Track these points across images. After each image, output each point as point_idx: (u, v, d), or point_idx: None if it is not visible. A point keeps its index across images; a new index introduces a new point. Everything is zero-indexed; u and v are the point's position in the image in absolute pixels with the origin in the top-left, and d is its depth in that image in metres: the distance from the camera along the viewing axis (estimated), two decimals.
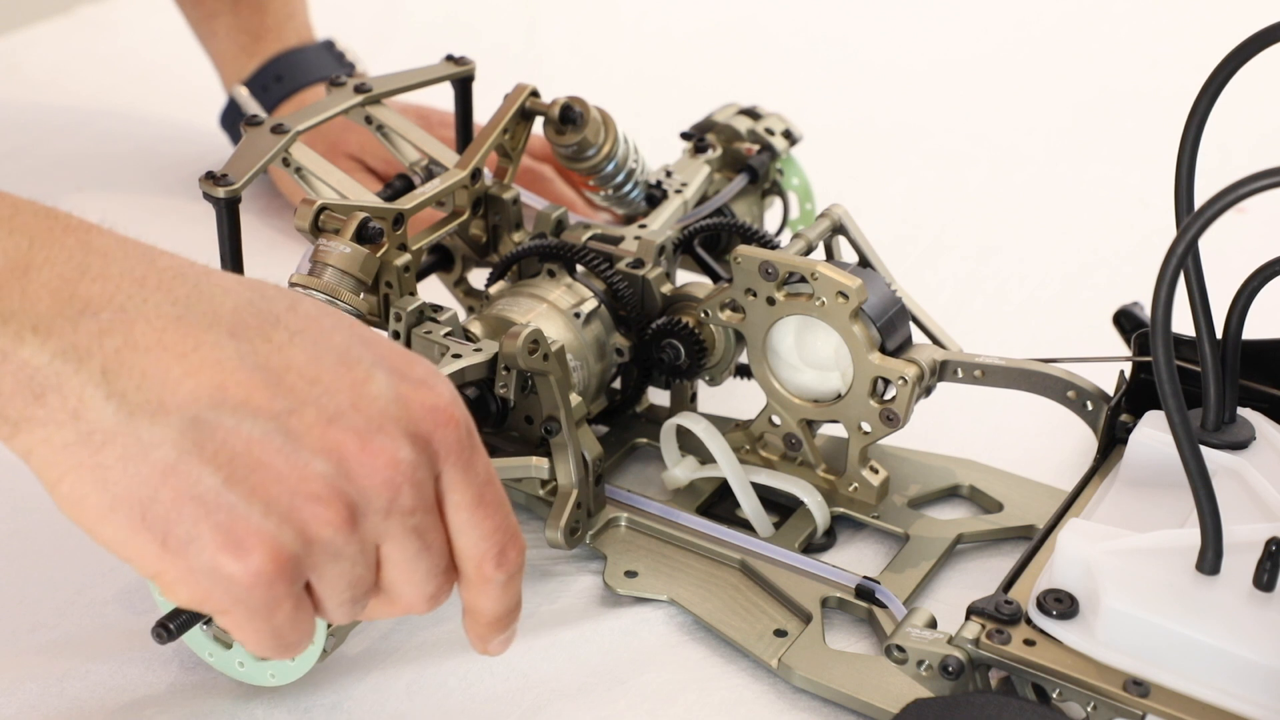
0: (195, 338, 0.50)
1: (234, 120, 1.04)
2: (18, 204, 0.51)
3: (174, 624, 0.60)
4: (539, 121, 0.82)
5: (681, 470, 0.77)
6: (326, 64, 1.03)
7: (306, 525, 0.50)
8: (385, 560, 0.52)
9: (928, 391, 0.74)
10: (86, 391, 0.49)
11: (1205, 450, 0.60)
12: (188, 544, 0.49)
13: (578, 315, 0.76)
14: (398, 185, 0.81)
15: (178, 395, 0.49)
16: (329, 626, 0.63)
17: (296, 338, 0.51)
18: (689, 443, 0.77)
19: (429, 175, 0.80)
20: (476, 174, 0.79)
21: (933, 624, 0.64)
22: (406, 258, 0.73)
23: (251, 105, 1.02)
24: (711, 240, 0.83)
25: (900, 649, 0.62)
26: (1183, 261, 0.55)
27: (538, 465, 0.69)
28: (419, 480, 0.51)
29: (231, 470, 0.49)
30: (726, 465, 0.75)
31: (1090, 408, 0.73)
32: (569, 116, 0.81)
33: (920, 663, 0.62)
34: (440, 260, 0.83)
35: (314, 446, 0.50)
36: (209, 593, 0.50)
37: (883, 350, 0.72)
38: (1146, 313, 0.85)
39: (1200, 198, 0.58)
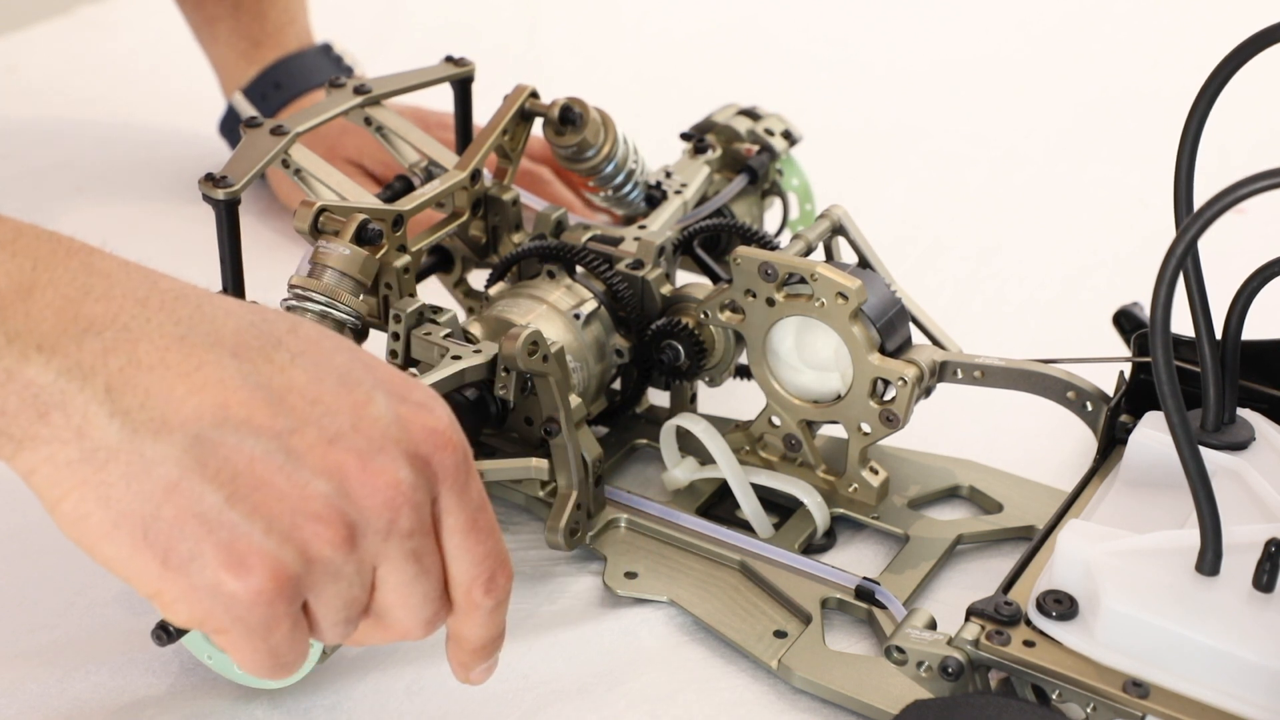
0: (198, 357, 0.50)
1: (233, 127, 1.04)
2: (20, 227, 0.51)
3: (174, 626, 0.60)
4: (538, 122, 0.82)
5: (681, 471, 0.77)
6: (325, 69, 1.02)
7: (308, 544, 0.50)
8: (381, 584, 0.52)
9: (927, 392, 0.74)
10: (90, 409, 0.49)
11: (1205, 451, 0.60)
12: (189, 562, 0.49)
13: (577, 316, 0.76)
14: (397, 186, 0.81)
15: (181, 413, 0.49)
16: None
17: (298, 359, 0.52)
18: (689, 444, 0.77)
19: (428, 176, 0.80)
20: (476, 175, 0.79)
21: (932, 625, 0.64)
22: (406, 259, 0.73)
23: (250, 113, 1.02)
24: (711, 241, 0.83)
25: (900, 650, 0.62)
26: (1182, 262, 0.55)
27: (537, 466, 0.69)
28: (418, 502, 0.52)
29: (234, 488, 0.49)
30: (726, 466, 0.75)
31: (1090, 408, 0.73)
32: (568, 117, 0.81)
33: (920, 664, 0.62)
34: (440, 261, 0.83)
35: (315, 466, 0.50)
36: (209, 611, 0.50)
37: (882, 351, 0.72)
38: (1146, 313, 0.85)
39: (1200, 198, 0.58)
